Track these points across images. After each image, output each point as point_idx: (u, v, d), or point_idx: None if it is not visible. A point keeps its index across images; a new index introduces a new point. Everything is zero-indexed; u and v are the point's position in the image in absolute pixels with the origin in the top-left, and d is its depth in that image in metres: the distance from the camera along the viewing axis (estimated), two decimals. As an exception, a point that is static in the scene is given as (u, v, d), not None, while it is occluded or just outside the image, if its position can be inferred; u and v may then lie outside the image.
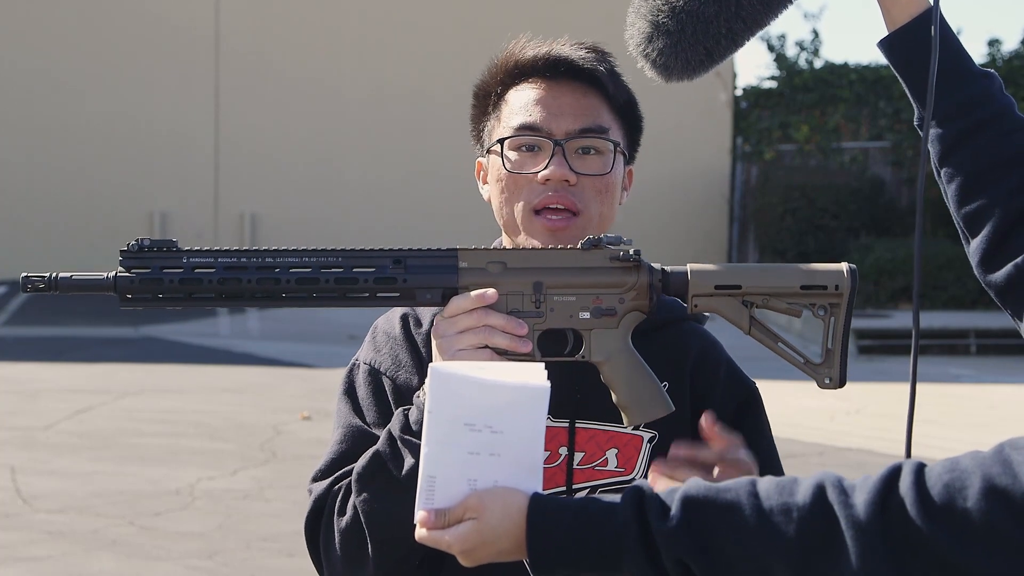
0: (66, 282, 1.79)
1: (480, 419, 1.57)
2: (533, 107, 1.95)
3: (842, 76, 18.56)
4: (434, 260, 1.82)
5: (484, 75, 2.04)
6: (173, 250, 1.80)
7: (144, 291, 1.79)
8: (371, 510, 1.86)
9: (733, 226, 18.96)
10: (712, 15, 1.75)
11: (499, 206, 1.98)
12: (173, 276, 1.79)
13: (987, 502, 1.38)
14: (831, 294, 1.81)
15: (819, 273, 1.82)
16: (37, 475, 7.38)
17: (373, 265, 1.81)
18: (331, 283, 1.80)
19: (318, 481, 1.98)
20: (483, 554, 1.57)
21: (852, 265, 1.84)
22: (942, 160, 1.74)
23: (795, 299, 1.82)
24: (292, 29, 17.99)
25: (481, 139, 2.05)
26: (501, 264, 1.82)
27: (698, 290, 1.82)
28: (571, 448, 1.96)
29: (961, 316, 14.85)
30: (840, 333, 1.82)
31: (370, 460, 1.88)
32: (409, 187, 18.12)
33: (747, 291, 1.82)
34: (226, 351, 12.78)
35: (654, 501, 1.51)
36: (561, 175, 1.92)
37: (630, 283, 1.83)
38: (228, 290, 1.80)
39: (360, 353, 2.05)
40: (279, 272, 1.80)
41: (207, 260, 1.79)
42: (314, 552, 1.97)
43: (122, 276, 1.79)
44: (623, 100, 1.99)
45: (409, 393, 1.97)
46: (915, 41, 1.73)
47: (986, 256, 1.71)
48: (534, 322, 1.82)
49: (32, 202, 17.71)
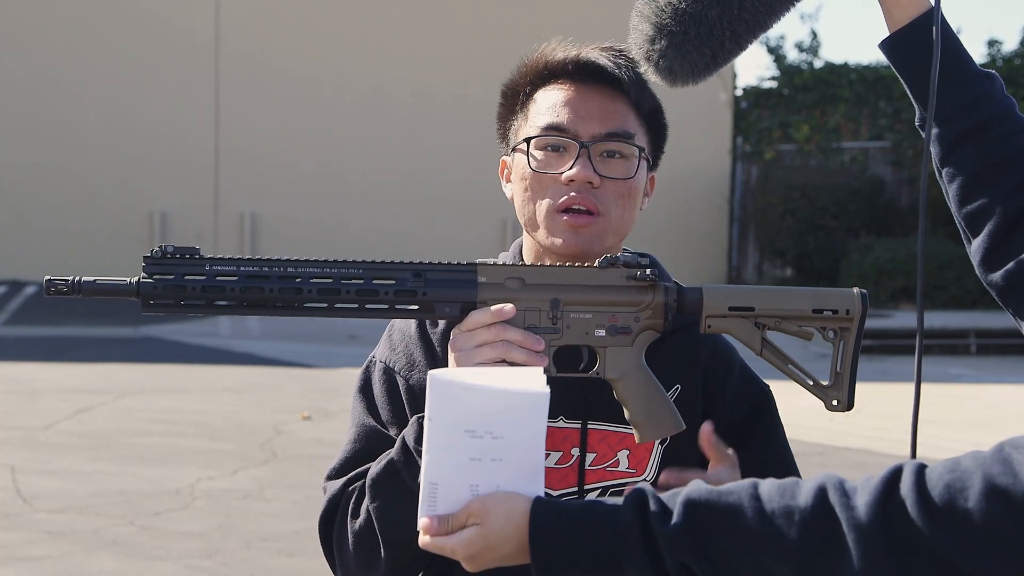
0: (89, 286, 1.80)
1: (481, 425, 1.58)
2: (561, 108, 1.96)
3: (842, 76, 18.56)
4: (453, 274, 1.84)
5: (513, 74, 2.04)
6: (196, 257, 1.81)
7: (166, 297, 1.80)
8: (384, 516, 1.89)
9: (733, 226, 18.96)
10: (715, 18, 1.75)
11: (522, 204, 1.99)
12: (196, 283, 1.80)
13: (988, 502, 1.38)
14: (842, 318, 1.85)
15: (831, 297, 1.85)
16: (37, 475, 7.38)
17: (393, 277, 1.83)
18: (352, 294, 1.82)
19: (332, 480, 2.00)
20: (487, 559, 1.58)
21: (863, 290, 1.87)
22: (943, 160, 1.74)
23: (806, 322, 1.85)
24: (292, 30, 17.99)
25: (507, 137, 2.06)
26: (519, 280, 1.85)
27: (712, 311, 1.85)
28: (583, 449, 1.97)
29: (961, 316, 14.86)
30: (849, 356, 1.85)
31: (384, 468, 1.90)
32: (409, 187, 18.12)
33: (760, 313, 1.85)
34: (226, 351, 12.78)
35: (656, 504, 1.52)
36: (585, 176, 1.93)
37: (646, 302, 1.85)
38: (250, 298, 1.81)
39: (377, 351, 2.07)
40: (300, 282, 1.81)
41: (229, 268, 1.81)
42: (328, 550, 2.00)
43: (145, 282, 1.80)
44: (649, 107, 2.00)
45: (423, 393, 1.98)
46: (916, 42, 1.73)
47: (987, 255, 1.71)
48: (550, 338, 1.84)
49: (32, 202, 17.70)
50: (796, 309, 1.85)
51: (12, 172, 17.71)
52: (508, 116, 2.05)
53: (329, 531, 1.98)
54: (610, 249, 1.98)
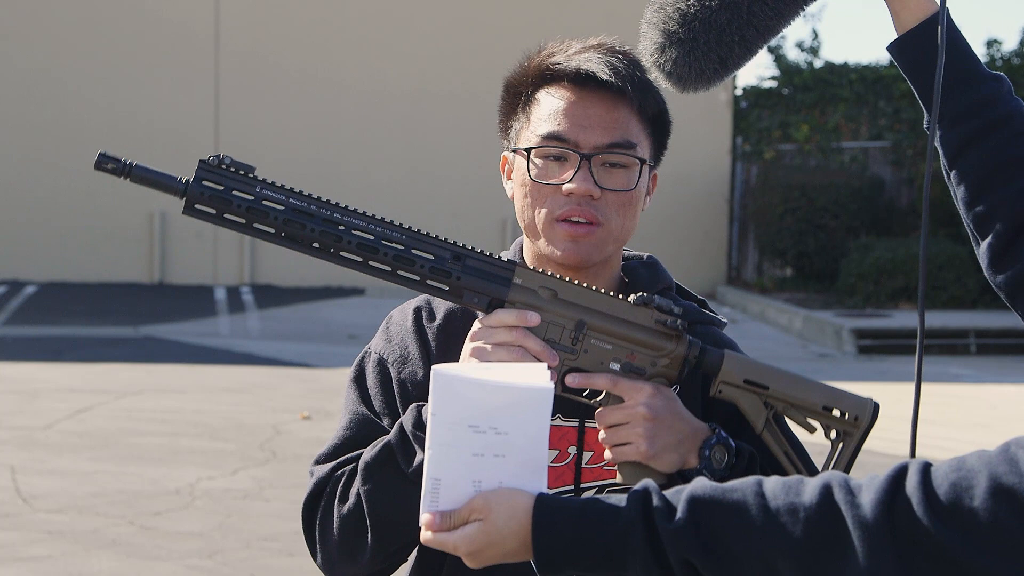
0: (140, 171, 1.80)
1: (484, 421, 1.57)
2: (562, 117, 1.95)
3: (842, 76, 18.54)
4: (491, 267, 1.84)
5: (516, 71, 2.03)
6: (250, 176, 1.79)
7: (210, 206, 1.79)
8: (375, 500, 1.88)
9: (733, 226, 18.95)
10: (724, 23, 1.74)
11: (521, 209, 1.99)
12: (242, 201, 1.78)
13: (994, 501, 1.38)
14: (849, 423, 1.83)
15: (844, 400, 1.83)
16: (37, 475, 7.37)
17: (433, 253, 1.82)
18: (389, 257, 1.81)
19: (320, 464, 2.00)
20: (490, 555, 1.58)
21: (877, 402, 1.84)
22: (952, 162, 1.74)
23: (814, 416, 1.83)
24: (292, 28, 17.99)
25: (508, 134, 2.04)
26: (552, 292, 1.84)
27: (727, 377, 1.84)
28: (580, 447, 1.97)
29: (961, 316, 14.85)
30: (844, 463, 1.82)
31: (379, 451, 1.90)
32: (409, 186, 18.12)
33: (772, 394, 1.84)
34: (226, 351, 12.77)
35: (660, 501, 1.51)
36: (585, 190, 1.92)
37: (668, 350, 1.85)
38: (290, 231, 1.79)
39: (373, 342, 2.07)
40: (343, 230, 1.80)
41: (279, 196, 1.79)
42: (309, 533, 1.99)
43: (194, 185, 1.79)
44: (653, 111, 1.98)
45: (414, 387, 1.98)
46: (924, 44, 1.73)
47: (996, 257, 1.70)
48: (566, 357, 1.84)
49: (32, 202, 17.70)
50: (808, 401, 1.83)
51: (12, 172, 17.70)
52: (510, 113, 2.04)
53: (313, 514, 1.98)
54: (610, 256, 1.98)
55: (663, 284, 2.05)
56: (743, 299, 17.25)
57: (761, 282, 18.19)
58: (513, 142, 2.02)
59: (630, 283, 2.03)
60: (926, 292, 1.81)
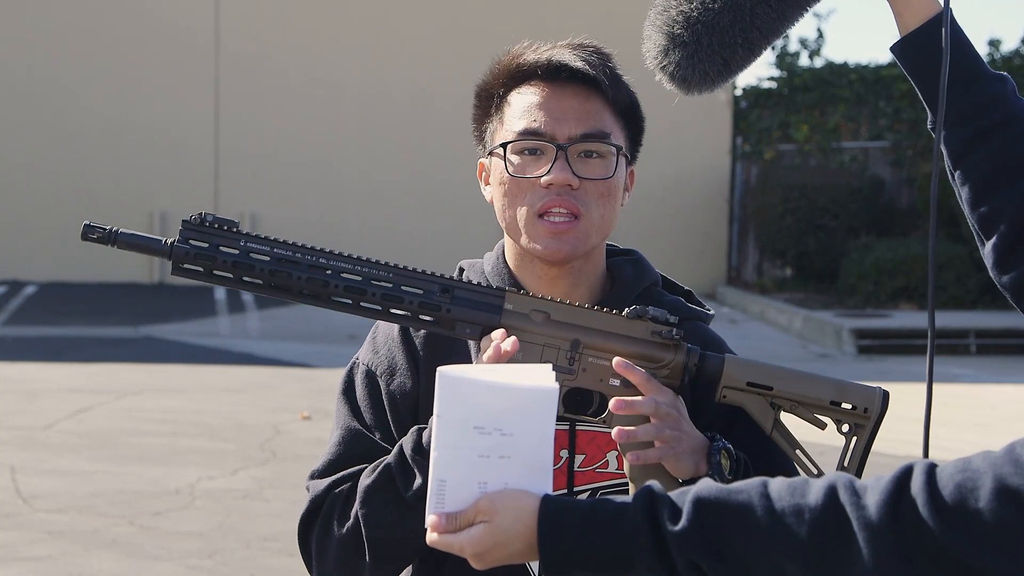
0: (125, 237, 1.81)
1: (489, 422, 1.57)
2: (536, 111, 1.95)
3: (842, 76, 18.53)
4: (481, 296, 1.84)
5: (486, 76, 2.03)
6: (233, 231, 1.81)
7: (197, 264, 1.81)
8: (373, 524, 1.89)
9: (733, 226, 18.95)
10: (727, 25, 1.74)
11: (501, 209, 1.98)
12: (228, 256, 1.81)
13: (999, 502, 1.38)
14: (859, 415, 1.82)
15: (852, 391, 1.82)
16: (37, 475, 7.37)
17: (421, 288, 1.83)
18: (377, 297, 1.82)
19: (315, 480, 2.00)
20: (495, 557, 1.57)
21: (886, 390, 1.83)
22: (956, 162, 1.74)
23: (823, 412, 1.82)
24: (292, 30, 17.98)
25: (483, 140, 2.05)
26: (545, 314, 1.84)
27: (730, 382, 1.83)
28: (572, 450, 1.96)
29: (961, 316, 14.84)
30: (859, 456, 1.81)
31: (379, 475, 1.90)
32: (409, 188, 18.11)
33: (777, 394, 1.82)
34: (226, 351, 12.76)
35: (665, 502, 1.51)
36: (564, 180, 1.92)
37: (666, 360, 1.84)
38: (277, 281, 1.81)
39: (360, 352, 2.06)
40: (330, 275, 1.81)
41: (263, 248, 1.81)
42: (305, 551, 2.00)
43: (179, 245, 1.81)
44: (625, 104, 1.98)
45: (403, 398, 1.98)
46: (928, 45, 1.72)
47: (1001, 258, 1.70)
48: (564, 378, 1.83)
49: (32, 202, 17.69)
50: (815, 397, 1.81)
51: (12, 172, 17.70)
52: (483, 118, 2.04)
53: (309, 532, 1.98)
54: (593, 250, 1.97)
55: (649, 280, 2.04)
56: (743, 299, 17.24)
57: (761, 282, 18.18)
58: (488, 146, 2.02)
59: (616, 281, 2.02)
60: (927, 292, 1.80)
